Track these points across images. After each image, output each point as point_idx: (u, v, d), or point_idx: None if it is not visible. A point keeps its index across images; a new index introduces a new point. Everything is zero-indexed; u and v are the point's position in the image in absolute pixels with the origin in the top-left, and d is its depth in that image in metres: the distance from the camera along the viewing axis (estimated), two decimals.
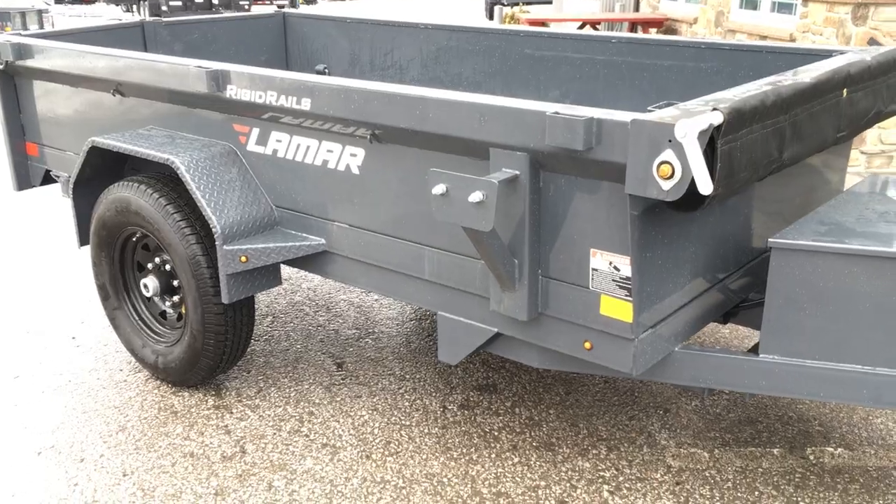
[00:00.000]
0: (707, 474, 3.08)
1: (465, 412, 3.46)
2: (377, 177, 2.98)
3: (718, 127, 2.19)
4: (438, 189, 2.46)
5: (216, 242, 3.18)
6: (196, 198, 3.20)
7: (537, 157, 2.48)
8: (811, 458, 3.17)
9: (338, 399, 3.56)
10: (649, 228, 2.46)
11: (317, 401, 3.55)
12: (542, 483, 3.02)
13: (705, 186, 2.10)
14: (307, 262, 3.31)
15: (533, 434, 3.31)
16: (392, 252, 3.02)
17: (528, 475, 3.06)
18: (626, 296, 2.48)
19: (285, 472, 3.08)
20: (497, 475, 3.06)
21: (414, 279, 3.00)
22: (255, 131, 3.31)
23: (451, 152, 2.72)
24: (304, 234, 3.28)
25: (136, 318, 3.74)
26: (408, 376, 3.75)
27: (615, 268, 2.48)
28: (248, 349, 3.99)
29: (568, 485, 3.01)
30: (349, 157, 3.03)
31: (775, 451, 3.21)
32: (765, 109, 2.39)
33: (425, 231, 2.89)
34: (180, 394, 3.60)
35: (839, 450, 3.21)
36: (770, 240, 2.60)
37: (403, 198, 2.92)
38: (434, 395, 3.59)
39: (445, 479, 3.04)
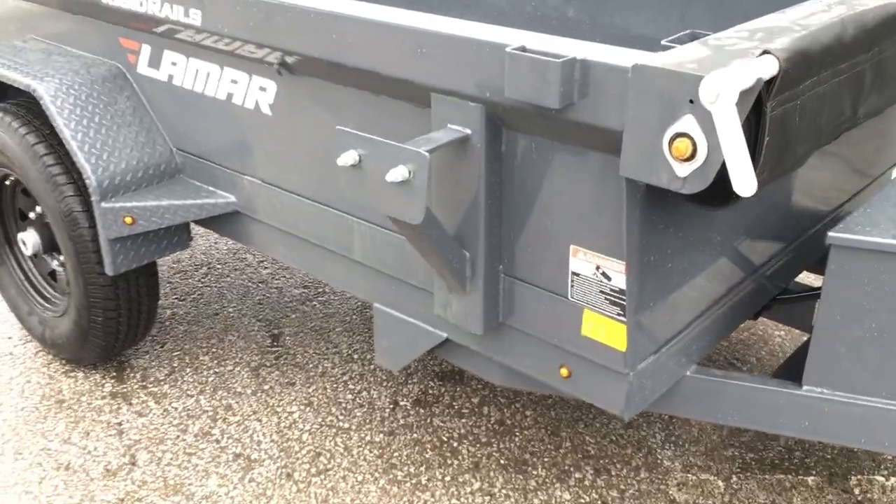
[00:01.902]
0: None
1: (421, 411, 2.77)
2: (292, 120, 2.19)
3: (770, 80, 1.39)
4: (348, 158, 1.68)
5: (91, 198, 2.44)
6: (64, 138, 2.43)
7: (497, 112, 1.69)
8: (856, 491, 2.47)
9: (265, 387, 2.87)
10: (655, 221, 1.68)
11: (239, 389, 2.86)
12: None
13: (744, 183, 1.31)
14: (216, 222, 2.56)
15: (502, 446, 2.62)
16: (313, 220, 2.26)
17: None
18: (619, 314, 1.72)
19: (180, 496, 2.42)
20: None
21: (342, 258, 2.25)
22: (146, 49, 2.50)
23: (383, 93, 1.93)
24: (211, 188, 2.52)
25: (22, 278, 3.02)
26: (356, 356, 3.04)
27: (604, 275, 1.71)
28: (171, 311, 3.29)
29: None
30: (258, 92, 2.24)
31: (810, 479, 2.51)
32: (841, 49, 1.58)
33: None
34: (73, 374, 2.93)
35: (892, 480, 2.50)
36: (830, 234, 1.82)
37: (324, 150, 2.14)
38: (385, 383, 2.89)
39: None
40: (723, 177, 1.39)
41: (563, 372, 1.89)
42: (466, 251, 1.86)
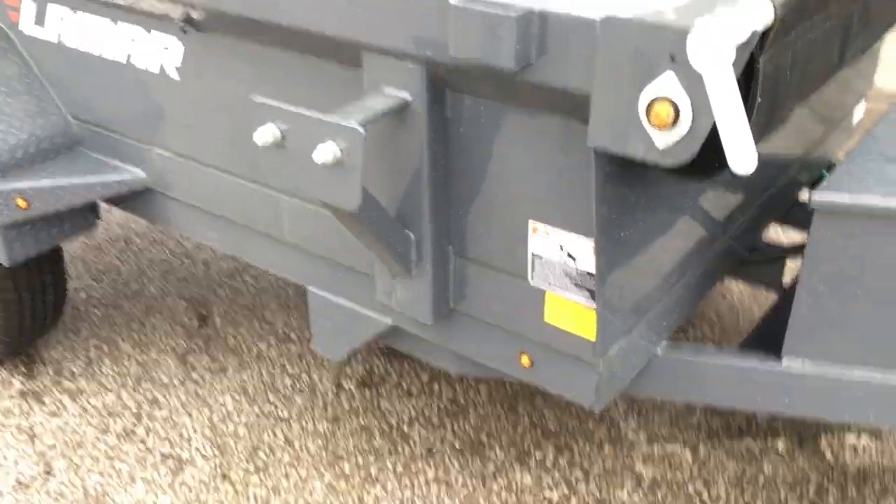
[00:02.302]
0: (689, 489, 2.25)
1: (366, 393, 2.56)
2: (203, 84, 1.91)
3: (765, 32, 1.18)
4: (266, 134, 1.43)
5: None
6: None
7: (440, 72, 1.45)
8: (827, 454, 2.36)
9: (194, 376, 2.62)
10: (627, 195, 1.48)
11: (165, 379, 2.61)
12: None
13: (744, 158, 1.10)
14: (126, 201, 2.28)
15: (456, 427, 2.44)
16: (235, 198, 2.00)
17: (447, 502, 2.20)
18: (587, 299, 1.53)
19: None
20: (402, 502, 2.20)
21: (271, 240, 2.00)
22: (29, 4, 2.18)
23: (306, 53, 1.67)
24: (117, 163, 2.23)
25: None
26: (293, 335, 2.81)
27: (569, 255, 1.51)
28: (86, 293, 3.00)
29: None
30: (161, 52, 1.95)
31: (780, 444, 2.39)
32: None
33: None
34: None
35: (863, 439, 2.40)
36: (814, 196, 1.64)
37: (242, 119, 1.87)
38: (327, 364, 2.67)
39: None
40: (706, 143, 1.19)
41: (524, 361, 1.70)
42: (411, 232, 1.63)
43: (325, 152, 1.34)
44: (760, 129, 1.29)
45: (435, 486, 2.25)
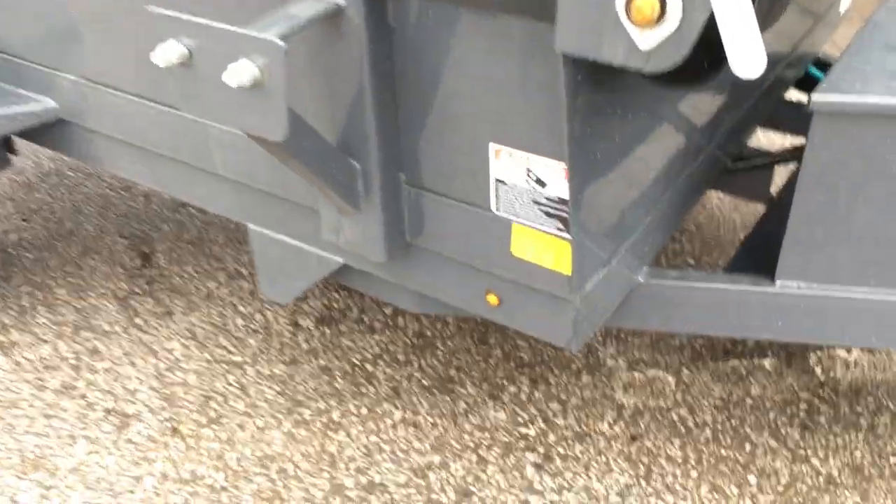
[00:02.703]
0: (673, 416, 2.12)
1: (326, 331, 2.37)
2: None
3: None
4: (170, 53, 1.19)
5: None
6: None
7: None
8: (817, 370, 2.23)
9: (137, 321, 2.42)
10: (601, 106, 1.27)
11: (106, 327, 2.40)
12: (436, 459, 2.02)
13: (750, 59, 0.89)
14: (38, 135, 2.02)
15: (423, 363, 2.27)
16: (158, 127, 1.76)
17: (416, 445, 2.05)
18: (559, 229, 1.33)
19: (41, 472, 2.00)
20: (368, 449, 2.04)
21: (202, 173, 1.78)
22: None
23: None
24: (22, 92, 1.97)
25: None
26: (244, 271, 2.60)
27: (538, 180, 1.31)
28: (16, 235, 2.76)
29: (475, 456, 2.02)
30: None
31: (766, 363, 2.25)
32: None
33: None
34: None
35: (854, 353, 2.27)
36: (814, 97, 1.44)
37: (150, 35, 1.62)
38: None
39: (290, 466, 2.00)
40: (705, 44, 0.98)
41: (492, 299, 1.51)
42: (355, 161, 1.41)
43: (240, 72, 1.11)
44: (762, 22, 1.07)
45: (402, 429, 2.09)
